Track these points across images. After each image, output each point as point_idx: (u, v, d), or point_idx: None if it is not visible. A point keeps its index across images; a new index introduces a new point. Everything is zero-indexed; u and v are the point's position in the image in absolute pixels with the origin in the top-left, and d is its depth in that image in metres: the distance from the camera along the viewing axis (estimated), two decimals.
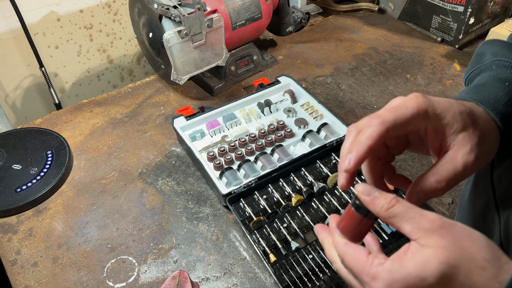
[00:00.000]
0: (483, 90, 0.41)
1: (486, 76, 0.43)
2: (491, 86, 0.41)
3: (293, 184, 0.73)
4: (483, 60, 0.45)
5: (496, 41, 0.46)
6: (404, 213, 0.33)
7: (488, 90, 0.41)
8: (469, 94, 0.41)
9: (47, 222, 0.71)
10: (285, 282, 0.60)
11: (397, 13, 1.24)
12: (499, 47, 0.45)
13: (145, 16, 0.85)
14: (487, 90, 0.41)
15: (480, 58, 0.46)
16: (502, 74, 0.43)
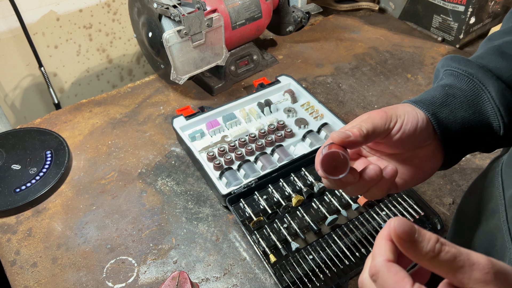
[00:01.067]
0: (423, 94, 0.46)
1: (435, 85, 0.48)
2: (432, 91, 0.46)
3: (293, 184, 0.73)
4: (439, 74, 0.50)
5: (446, 57, 0.50)
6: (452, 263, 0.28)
7: (427, 93, 0.46)
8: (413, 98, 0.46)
9: (47, 223, 0.71)
10: (285, 283, 0.60)
11: (397, 12, 1.23)
12: (446, 60, 0.49)
13: (144, 15, 0.85)
14: (426, 94, 0.46)
15: (437, 75, 0.50)
16: (446, 81, 0.46)
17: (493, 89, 0.44)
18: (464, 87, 0.45)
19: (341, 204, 0.70)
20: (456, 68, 0.47)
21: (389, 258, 0.31)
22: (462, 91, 0.45)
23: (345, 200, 0.71)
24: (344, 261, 0.63)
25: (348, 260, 0.63)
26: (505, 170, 0.43)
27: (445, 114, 0.44)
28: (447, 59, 0.49)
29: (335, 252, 0.64)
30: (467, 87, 0.45)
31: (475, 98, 0.45)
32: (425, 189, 0.75)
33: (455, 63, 0.47)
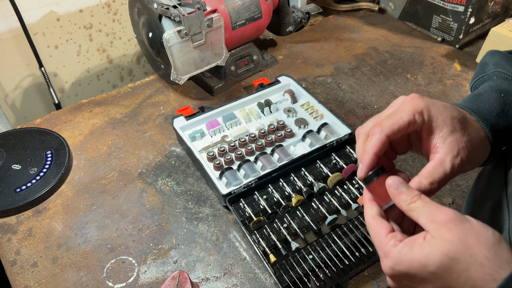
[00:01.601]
0: (479, 100, 0.45)
1: (486, 87, 0.47)
2: (488, 97, 0.45)
3: (293, 184, 0.73)
4: (486, 69, 0.49)
5: (497, 53, 0.49)
6: (422, 208, 0.37)
7: (484, 100, 0.45)
8: (466, 103, 0.45)
9: (47, 222, 0.71)
10: (285, 283, 0.60)
11: (397, 13, 1.24)
12: (500, 58, 0.48)
13: (144, 15, 0.85)
14: (483, 100, 0.45)
15: (483, 68, 0.49)
16: (500, 85, 0.46)
17: None
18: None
19: (341, 204, 0.70)
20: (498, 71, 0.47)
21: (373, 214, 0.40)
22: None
23: (344, 200, 0.71)
24: (344, 260, 0.63)
25: (348, 259, 0.63)
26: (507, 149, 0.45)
27: (502, 126, 0.44)
28: (500, 57, 0.48)
29: (335, 252, 0.64)
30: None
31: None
32: None
33: (510, 66, 0.47)
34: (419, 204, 0.37)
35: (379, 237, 0.39)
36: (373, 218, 0.40)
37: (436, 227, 0.36)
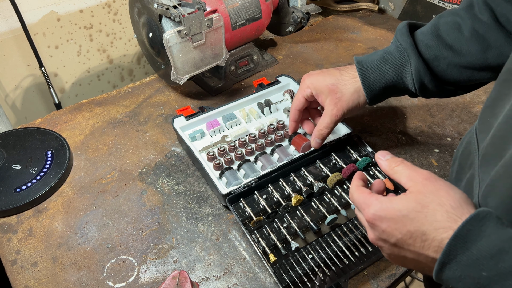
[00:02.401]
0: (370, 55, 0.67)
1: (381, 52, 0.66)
2: (375, 54, 0.66)
3: (293, 184, 0.73)
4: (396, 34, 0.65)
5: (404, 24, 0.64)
6: (403, 170, 0.45)
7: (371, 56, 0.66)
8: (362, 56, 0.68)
9: (47, 222, 0.71)
10: (285, 282, 0.60)
11: (397, 13, 1.24)
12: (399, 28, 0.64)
13: (145, 16, 0.85)
14: (370, 56, 0.66)
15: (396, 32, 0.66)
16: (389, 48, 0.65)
17: (413, 64, 0.61)
18: (396, 56, 0.63)
19: (341, 203, 0.70)
20: (396, 40, 0.64)
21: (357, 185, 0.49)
22: (394, 58, 0.63)
23: (344, 200, 0.71)
24: (343, 260, 0.63)
25: (347, 259, 0.63)
26: (478, 128, 0.52)
27: (374, 75, 0.65)
28: (399, 28, 0.65)
29: (335, 252, 0.64)
30: (398, 57, 0.63)
31: (401, 66, 0.63)
32: None
33: (399, 35, 0.63)
34: (401, 168, 0.46)
35: (363, 196, 0.46)
36: (357, 187, 0.49)
37: (414, 184, 0.43)
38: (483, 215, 0.38)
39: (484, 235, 0.36)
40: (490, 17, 0.58)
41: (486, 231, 0.37)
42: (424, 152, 0.82)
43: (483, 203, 0.45)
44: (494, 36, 0.58)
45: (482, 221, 0.37)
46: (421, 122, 0.89)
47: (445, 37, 0.61)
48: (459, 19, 0.61)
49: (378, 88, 0.66)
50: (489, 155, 0.46)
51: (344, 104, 0.67)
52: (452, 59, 0.61)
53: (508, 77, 0.46)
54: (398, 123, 0.89)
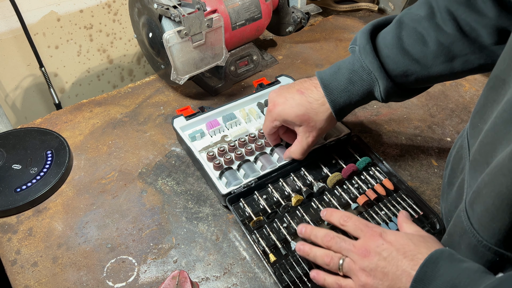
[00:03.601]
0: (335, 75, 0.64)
1: (346, 62, 0.64)
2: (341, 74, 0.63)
3: (293, 184, 0.73)
4: (356, 43, 0.63)
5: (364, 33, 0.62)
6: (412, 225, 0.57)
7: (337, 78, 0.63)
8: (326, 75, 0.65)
9: (47, 222, 0.71)
10: (285, 282, 0.60)
11: (397, 13, 1.23)
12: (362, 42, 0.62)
13: (145, 16, 0.85)
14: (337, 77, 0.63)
15: (355, 41, 0.64)
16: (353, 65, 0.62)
17: (382, 85, 0.61)
18: (364, 78, 0.62)
19: (341, 203, 0.70)
20: (363, 61, 0.61)
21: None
22: (361, 80, 0.62)
23: (344, 200, 0.71)
24: None
25: None
26: (469, 133, 0.53)
27: (343, 99, 0.63)
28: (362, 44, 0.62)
29: None
30: (366, 78, 0.62)
31: (369, 87, 0.62)
32: (424, 189, 0.76)
33: (364, 55, 0.61)
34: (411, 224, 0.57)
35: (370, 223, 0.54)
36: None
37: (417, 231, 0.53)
38: (436, 255, 0.43)
39: (438, 275, 0.41)
40: (454, 27, 0.57)
41: (440, 270, 0.41)
42: (424, 152, 0.82)
43: (469, 210, 0.45)
44: (460, 46, 0.57)
45: (436, 261, 0.42)
46: (421, 122, 0.89)
47: (411, 51, 0.59)
48: (422, 29, 0.59)
49: (347, 109, 0.65)
50: (476, 161, 0.46)
51: (319, 132, 0.67)
52: (420, 73, 0.60)
53: (495, 84, 0.46)
54: (398, 123, 0.89)
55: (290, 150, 0.70)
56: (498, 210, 0.39)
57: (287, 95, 0.66)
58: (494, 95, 0.45)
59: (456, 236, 0.47)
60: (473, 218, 0.44)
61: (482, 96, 0.49)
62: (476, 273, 0.40)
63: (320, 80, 0.64)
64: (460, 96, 0.95)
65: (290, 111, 0.65)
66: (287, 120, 0.66)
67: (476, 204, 0.43)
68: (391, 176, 0.73)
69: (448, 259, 0.43)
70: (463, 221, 0.45)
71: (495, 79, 0.46)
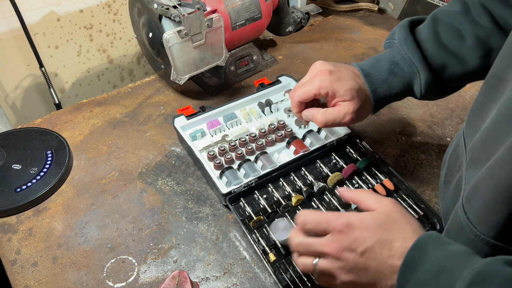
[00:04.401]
0: (375, 66, 0.62)
1: (386, 54, 0.63)
2: (381, 65, 0.62)
3: (293, 183, 0.73)
4: (394, 37, 0.63)
5: (403, 27, 0.63)
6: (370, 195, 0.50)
7: (378, 68, 0.62)
8: (365, 65, 0.63)
9: (47, 222, 0.71)
10: (285, 282, 0.60)
11: (397, 13, 1.24)
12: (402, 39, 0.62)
13: (145, 16, 0.85)
14: (377, 67, 0.62)
15: (392, 35, 0.64)
16: (394, 57, 0.62)
17: (423, 77, 0.60)
18: (405, 69, 0.61)
19: (341, 203, 0.70)
20: (405, 52, 0.61)
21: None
22: (402, 72, 0.61)
23: (344, 200, 0.71)
24: None
25: None
26: (466, 132, 0.53)
27: (383, 90, 0.62)
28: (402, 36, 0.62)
29: None
30: (407, 70, 0.61)
31: (410, 79, 0.61)
32: (424, 189, 0.76)
33: (405, 46, 0.61)
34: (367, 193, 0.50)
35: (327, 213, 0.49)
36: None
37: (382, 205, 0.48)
38: (424, 239, 0.42)
39: (426, 258, 0.41)
40: (489, 21, 0.58)
41: (427, 254, 0.41)
42: (424, 152, 0.82)
43: (466, 205, 0.45)
44: (496, 39, 0.58)
45: (423, 245, 0.42)
46: (421, 122, 0.89)
47: (449, 45, 0.60)
48: (458, 24, 0.60)
49: (385, 101, 0.63)
50: (476, 159, 0.47)
51: (357, 115, 0.61)
52: (457, 67, 0.60)
53: (494, 83, 0.46)
54: (398, 123, 0.89)
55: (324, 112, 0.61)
56: (497, 203, 0.40)
57: (339, 67, 0.62)
58: (493, 94, 0.46)
59: (454, 233, 0.47)
60: (471, 213, 0.44)
61: (481, 95, 0.49)
62: (463, 255, 0.40)
63: (360, 69, 0.62)
64: (460, 96, 0.95)
65: (344, 82, 0.59)
66: (338, 91, 0.59)
67: (474, 199, 0.44)
68: (391, 176, 0.73)
69: (435, 242, 0.42)
70: (460, 217, 0.46)
71: (494, 78, 0.46)
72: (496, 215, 0.40)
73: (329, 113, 0.61)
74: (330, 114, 0.60)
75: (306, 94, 0.61)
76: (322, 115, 0.61)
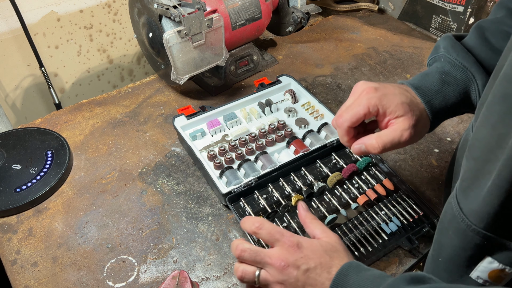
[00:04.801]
0: (425, 79, 0.56)
1: (433, 67, 0.58)
2: (432, 77, 0.56)
3: (293, 183, 0.73)
4: (438, 51, 0.59)
5: (448, 37, 0.59)
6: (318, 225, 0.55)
7: (428, 80, 0.56)
8: (414, 80, 0.57)
9: (47, 222, 0.71)
10: None
11: (397, 13, 1.24)
12: (447, 43, 0.58)
13: (145, 16, 0.85)
14: (427, 80, 0.56)
15: (437, 49, 0.59)
16: (444, 67, 0.56)
17: (480, 82, 0.55)
18: (458, 77, 0.55)
19: (341, 203, 0.70)
20: (455, 59, 0.56)
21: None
22: (456, 80, 0.55)
23: (344, 200, 0.71)
24: None
25: None
26: (473, 124, 0.51)
27: (439, 101, 0.55)
28: (449, 44, 0.58)
29: None
30: (460, 77, 0.56)
31: (465, 86, 0.56)
32: (424, 189, 0.76)
33: (455, 53, 0.56)
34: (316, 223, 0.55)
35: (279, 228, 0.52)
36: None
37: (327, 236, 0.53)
38: (346, 268, 0.47)
39: (348, 285, 0.46)
40: None
41: (349, 281, 0.46)
42: (424, 152, 0.82)
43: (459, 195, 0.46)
44: None
45: (345, 273, 0.47)
46: None
47: (501, 48, 0.54)
48: (506, 27, 0.56)
49: (444, 113, 0.56)
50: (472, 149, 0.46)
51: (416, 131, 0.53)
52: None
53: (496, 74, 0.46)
54: None
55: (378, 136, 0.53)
56: (488, 194, 0.40)
57: (385, 84, 0.56)
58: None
59: (445, 223, 0.48)
60: (463, 203, 0.44)
61: (488, 88, 0.48)
62: (378, 278, 0.45)
63: (409, 83, 0.56)
64: None
65: (393, 97, 0.53)
66: (389, 107, 0.52)
67: (467, 189, 0.44)
68: (392, 176, 0.73)
69: (355, 270, 0.47)
70: (452, 207, 0.46)
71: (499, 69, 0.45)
72: (488, 206, 0.40)
73: (384, 135, 0.53)
74: (386, 136, 0.53)
75: (356, 116, 0.53)
76: (378, 139, 0.53)
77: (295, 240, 0.50)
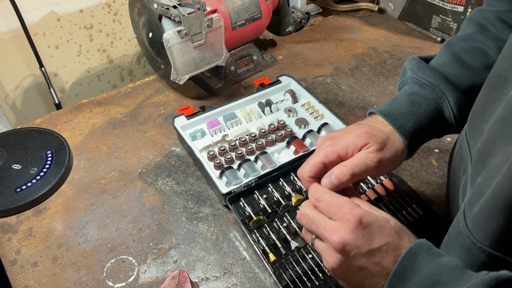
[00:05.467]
0: (394, 104, 0.54)
1: (402, 91, 0.56)
2: (400, 100, 0.54)
3: (293, 183, 0.73)
4: (406, 74, 0.57)
5: (413, 59, 0.57)
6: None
7: (397, 104, 0.54)
8: (382, 107, 0.55)
9: (47, 222, 0.71)
10: (285, 282, 0.60)
11: (397, 13, 1.24)
12: (415, 67, 0.56)
13: (145, 16, 0.85)
14: (396, 104, 0.54)
15: (404, 73, 0.58)
16: (412, 89, 0.55)
17: (452, 99, 0.53)
18: (427, 96, 0.54)
19: None
20: (421, 78, 0.55)
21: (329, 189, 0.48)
22: (426, 99, 0.54)
23: None
24: None
25: None
26: (468, 133, 0.50)
27: (412, 124, 0.53)
28: (414, 65, 0.57)
29: None
30: (430, 96, 0.54)
31: (437, 106, 0.54)
32: (424, 189, 0.75)
33: (421, 72, 0.55)
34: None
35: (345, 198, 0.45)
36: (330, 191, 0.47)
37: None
38: (415, 249, 0.41)
39: (417, 269, 0.39)
40: None
41: (419, 265, 0.39)
42: (424, 152, 0.82)
43: (467, 211, 0.44)
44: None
45: (415, 256, 0.40)
46: None
47: (472, 64, 0.55)
48: (477, 43, 0.56)
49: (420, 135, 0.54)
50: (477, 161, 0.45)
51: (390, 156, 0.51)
52: None
53: (497, 82, 0.45)
54: None
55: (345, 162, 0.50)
56: (493, 210, 0.38)
57: (344, 128, 0.55)
58: (496, 94, 0.45)
59: (453, 237, 0.46)
60: (469, 219, 0.43)
61: (482, 96, 0.48)
62: (457, 270, 0.39)
63: (378, 111, 0.55)
64: None
65: (349, 135, 0.51)
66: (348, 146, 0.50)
67: (473, 205, 0.42)
68: (392, 176, 0.73)
69: (427, 252, 0.40)
70: (459, 222, 0.44)
71: (497, 78, 0.45)
72: (492, 223, 0.38)
73: (350, 160, 0.49)
74: (352, 161, 0.49)
75: (314, 165, 0.50)
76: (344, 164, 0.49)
77: (358, 214, 0.42)
